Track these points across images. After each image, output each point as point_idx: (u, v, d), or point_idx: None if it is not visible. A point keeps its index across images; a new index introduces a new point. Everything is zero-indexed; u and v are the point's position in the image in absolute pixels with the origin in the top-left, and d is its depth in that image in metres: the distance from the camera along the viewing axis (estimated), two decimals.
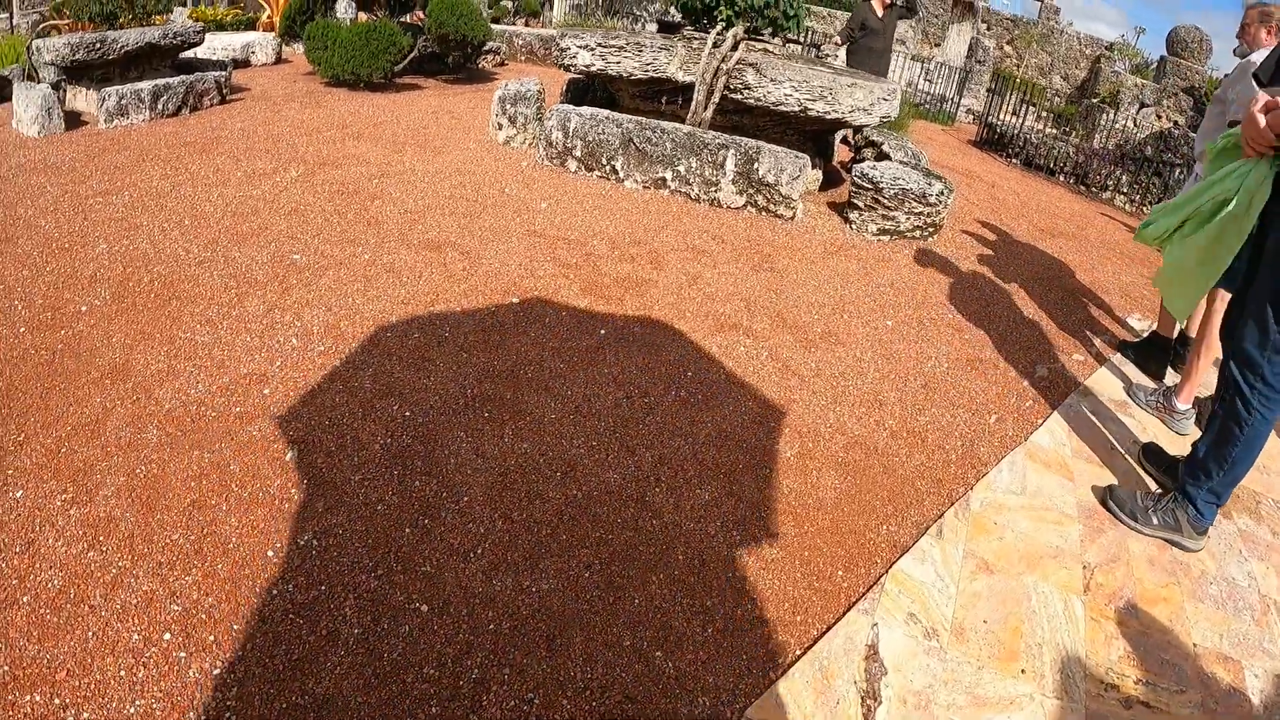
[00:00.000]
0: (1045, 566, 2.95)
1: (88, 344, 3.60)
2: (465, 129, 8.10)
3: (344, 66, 9.55)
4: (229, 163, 6.30)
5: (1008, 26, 24.43)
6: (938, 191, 6.13)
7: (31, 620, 2.24)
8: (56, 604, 2.30)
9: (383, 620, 2.30)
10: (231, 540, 2.55)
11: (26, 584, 2.35)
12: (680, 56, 6.77)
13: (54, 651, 2.15)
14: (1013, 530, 3.12)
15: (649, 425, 3.38)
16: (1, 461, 2.84)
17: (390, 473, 2.92)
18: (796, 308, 4.69)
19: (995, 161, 11.46)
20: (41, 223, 4.86)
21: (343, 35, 9.60)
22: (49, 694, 2.04)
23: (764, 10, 7.07)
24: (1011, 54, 24.10)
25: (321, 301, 4.12)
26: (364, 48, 9.51)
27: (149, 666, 2.13)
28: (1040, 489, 3.41)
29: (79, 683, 2.07)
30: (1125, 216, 9.44)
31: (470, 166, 6.68)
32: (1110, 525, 3.23)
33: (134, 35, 8.15)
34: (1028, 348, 4.74)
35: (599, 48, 6.90)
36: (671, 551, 2.71)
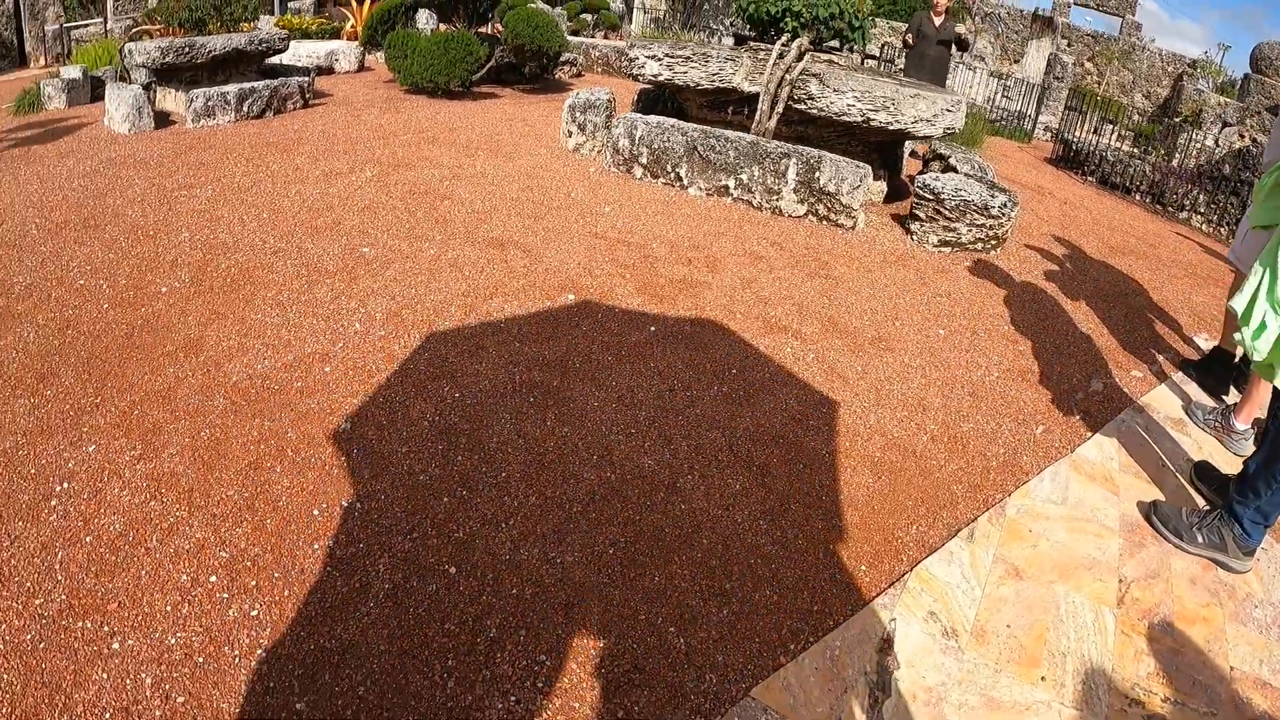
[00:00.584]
0: (1079, 577, 2.92)
1: (165, 321, 3.85)
2: (537, 136, 8.28)
3: (422, 74, 9.82)
4: (308, 162, 6.57)
5: (1088, 43, 23.99)
6: (1000, 204, 6.10)
7: (91, 557, 2.44)
8: (116, 545, 2.50)
9: (412, 578, 2.44)
10: (282, 499, 2.73)
11: (90, 526, 2.57)
12: (746, 67, 6.87)
13: (108, 586, 2.34)
14: (1048, 539, 3.11)
15: (688, 417, 3.47)
16: (78, 420, 3.09)
17: (435, 447, 3.07)
18: (849, 313, 4.74)
19: (1070, 179, 11.29)
20: (129, 212, 5.16)
21: (422, 44, 9.88)
22: (99, 622, 2.23)
23: (829, 22, 7.13)
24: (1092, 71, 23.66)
25: (386, 291, 4.30)
26: (442, 56, 9.76)
27: (193, 604, 2.30)
28: (1082, 500, 3.39)
29: (128, 614, 2.26)
30: (1201, 236, 9.23)
31: (539, 171, 6.85)
32: (1153, 541, 3.19)
33: (221, 41, 8.53)
34: (1084, 362, 4.71)
35: (666, 58, 7.04)
36: (696, 536, 2.79)
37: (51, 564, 2.43)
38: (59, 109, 8.90)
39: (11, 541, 2.51)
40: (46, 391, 3.28)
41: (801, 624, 2.52)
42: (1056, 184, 10.59)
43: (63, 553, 2.47)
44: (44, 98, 9.04)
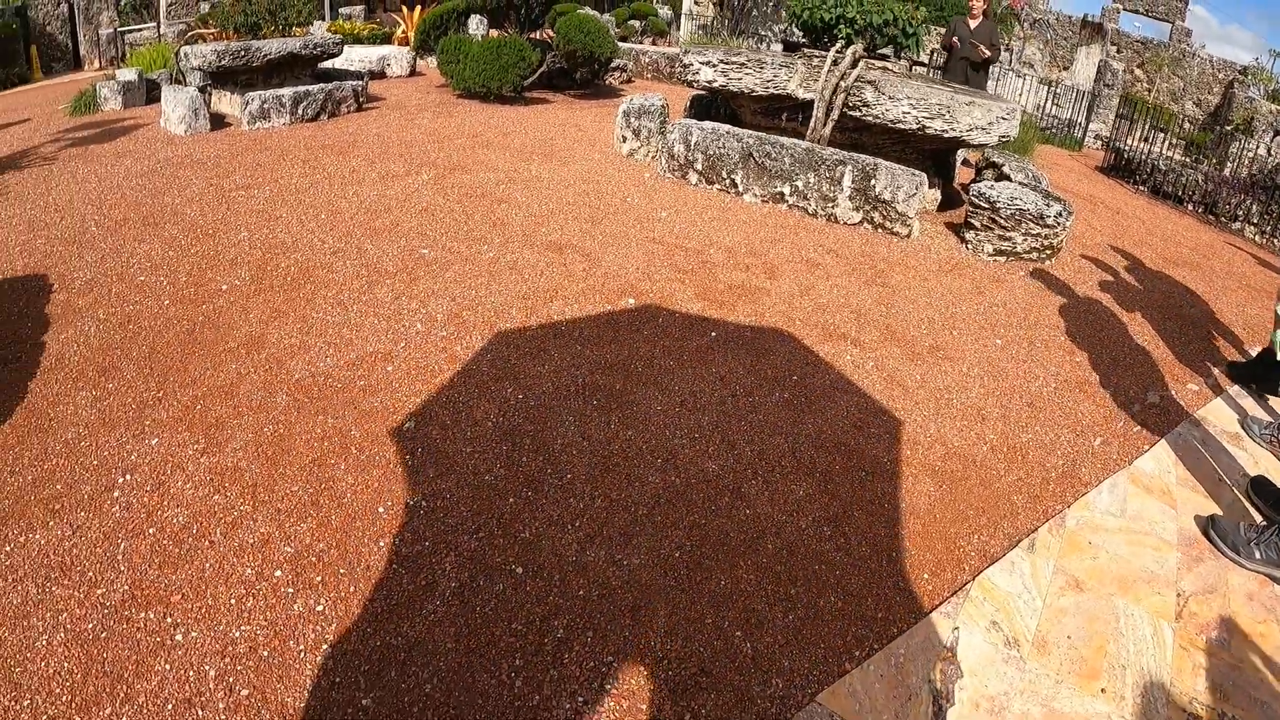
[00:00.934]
0: (1137, 590, 2.89)
1: (226, 318, 3.90)
2: (590, 141, 8.31)
3: (475, 79, 9.89)
4: (364, 165, 6.63)
5: (1138, 50, 23.64)
6: (1056, 213, 6.02)
7: (155, 549, 2.48)
8: (179, 537, 2.53)
9: (479, 577, 2.44)
10: (346, 496, 2.74)
11: (154, 518, 2.60)
12: (800, 74, 6.84)
13: (172, 577, 2.37)
14: (1107, 551, 3.07)
15: (750, 422, 3.45)
16: (140, 413, 3.14)
17: (499, 448, 3.07)
18: (906, 322, 4.70)
19: (1121, 188, 11.14)
20: (187, 210, 5.24)
21: (474, 50, 9.95)
22: (162, 613, 2.25)
23: (883, 29, 7.08)
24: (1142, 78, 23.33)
25: (446, 292, 4.33)
26: (494, 62, 9.83)
27: (258, 598, 2.32)
28: (1140, 513, 3.34)
29: (191, 606, 2.28)
30: (1254, 248, 9.05)
31: (594, 176, 6.87)
32: (1210, 555, 3.14)
33: (276, 45, 8.65)
34: (1140, 374, 4.63)
35: (721, 64, 7.03)
36: (761, 540, 2.77)
37: (114, 554, 2.46)
38: (115, 110, 9.07)
39: (74, 531, 2.55)
40: (108, 384, 3.34)
41: (866, 630, 2.50)
42: (1108, 193, 10.45)
43: (125, 544, 2.50)
44: (100, 99, 9.22)
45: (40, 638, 2.19)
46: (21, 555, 2.47)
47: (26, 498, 2.71)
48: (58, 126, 8.15)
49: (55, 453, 2.94)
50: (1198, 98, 22.68)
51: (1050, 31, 24.69)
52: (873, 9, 7.09)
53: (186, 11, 16.72)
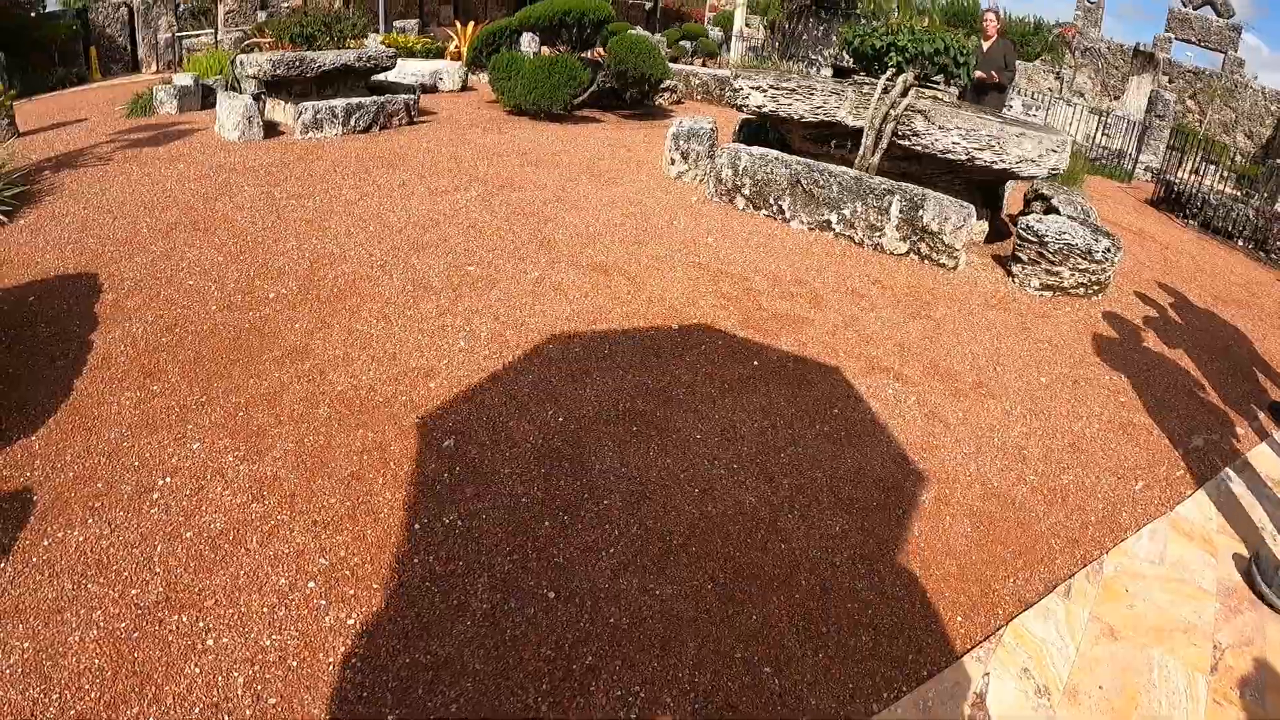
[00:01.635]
0: (1173, 640, 2.85)
1: (272, 327, 3.96)
2: (638, 162, 8.33)
3: (525, 97, 9.96)
4: (413, 178, 6.70)
5: (1190, 80, 23.31)
6: (1104, 248, 5.95)
7: (191, 553, 2.52)
8: (216, 543, 2.57)
9: (511, 599, 2.45)
10: (383, 511, 2.76)
11: (191, 522, 2.65)
12: (850, 101, 6.83)
13: (206, 582, 2.41)
14: (1144, 600, 3.02)
15: (790, 455, 3.43)
16: (183, 417, 3.19)
17: (538, 470, 3.08)
18: (950, 356, 4.66)
19: (1171, 222, 10.99)
20: (238, 218, 5.33)
21: (526, 67, 10.02)
22: (194, 617, 2.28)
23: (934, 57, 7.05)
24: (1194, 109, 23.00)
25: (491, 310, 4.35)
26: (545, 80, 9.89)
27: (290, 608, 2.34)
28: (1180, 561, 3.29)
29: (224, 612, 2.31)
30: None
31: (641, 197, 6.89)
32: (1249, 606, 3.08)
33: (331, 56, 8.78)
34: (1185, 416, 4.56)
35: (771, 89, 7.03)
36: (795, 576, 2.76)
37: (150, 556, 2.50)
38: (170, 114, 9.25)
39: (112, 530, 2.60)
40: (153, 387, 3.40)
41: (895, 672, 2.48)
42: (1157, 227, 10.32)
43: (162, 546, 2.55)
44: (156, 103, 9.42)
45: (73, 633, 2.24)
46: (59, 550, 2.53)
47: (67, 494, 2.77)
48: (114, 128, 8.33)
49: (97, 451, 3.00)
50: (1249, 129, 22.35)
51: (1101, 60, 24.46)
52: (924, 38, 7.07)
53: (244, 19, 17.04)
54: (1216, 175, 13.53)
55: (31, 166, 6.33)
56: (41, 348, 3.68)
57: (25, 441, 3.04)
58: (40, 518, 2.66)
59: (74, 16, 16.02)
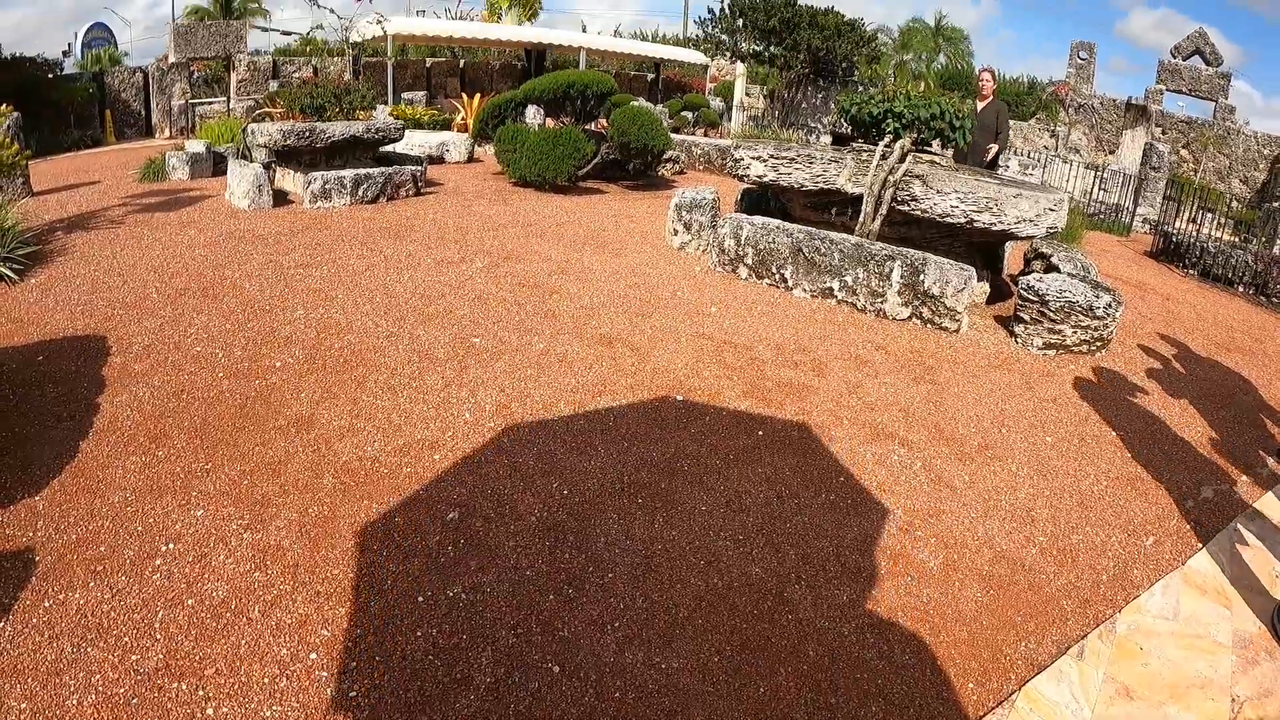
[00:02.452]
0: (1189, 697, 2.80)
1: (278, 395, 3.99)
2: (642, 233, 8.41)
3: (530, 168, 10.11)
4: (420, 249, 6.78)
5: (1183, 130, 23.55)
6: (1105, 304, 5.98)
7: (193, 621, 2.51)
8: (218, 611, 2.56)
9: (515, 673, 2.42)
10: (387, 583, 2.75)
11: (193, 590, 2.64)
12: (849, 168, 6.92)
13: (207, 650, 2.39)
14: (1159, 657, 2.98)
15: (796, 524, 3.42)
16: (188, 483, 3.21)
17: (542, 543, 3.07)
18: (954, 420, 4.65)
19: (1171, 273, 11.04)
20: (246, 285, 5.40)
21: (530, 139, 10.19)
22: (194, 685, 2.27)
23: (930, 123, 7.15)
24: (1188, 158, 23.20)
25: (496, 383, 4.37)
26: (550, 152, 10.05)
27: (292, 679, 2.32)
28: (1194, 615, 3.25)
29: (225, 681, 2.29)
30: None
31: (645, 268, 6.95)
32: (1266, 658, 3.04)
33: (340, 127, 8.95)
34: (1194, 468, 4.54)
35: (771, 159, 7.13)
36: (803, 646, 2.73)
37: (151, 622, 2.49)
38: (182, 180, 9.45)
39: (114, 594, 2.60)
40: (159, 452, 3.43)
41: None
42: (1158, 279, 10.36)
43: (164, 612, 2.54)
44: (168, 168, 9.62)
45: (71, 697, 2.22)
46: (60, 613, 2.52)
47: (70, 556, 2.78)
48: (126, 191, 8.49)
49: (101, 514, 3.02)
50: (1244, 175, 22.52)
51: (1095, 116, 24.76)
52: (920, 103, 7.19)
53: (256, 89, 17.43)
54: (1214, 223, 13.63)
55: (44, 227, 6.47)
56: (49, 408, 3.73)
57: (29, 501, 3.06)
58: (42, 578, 2.66)
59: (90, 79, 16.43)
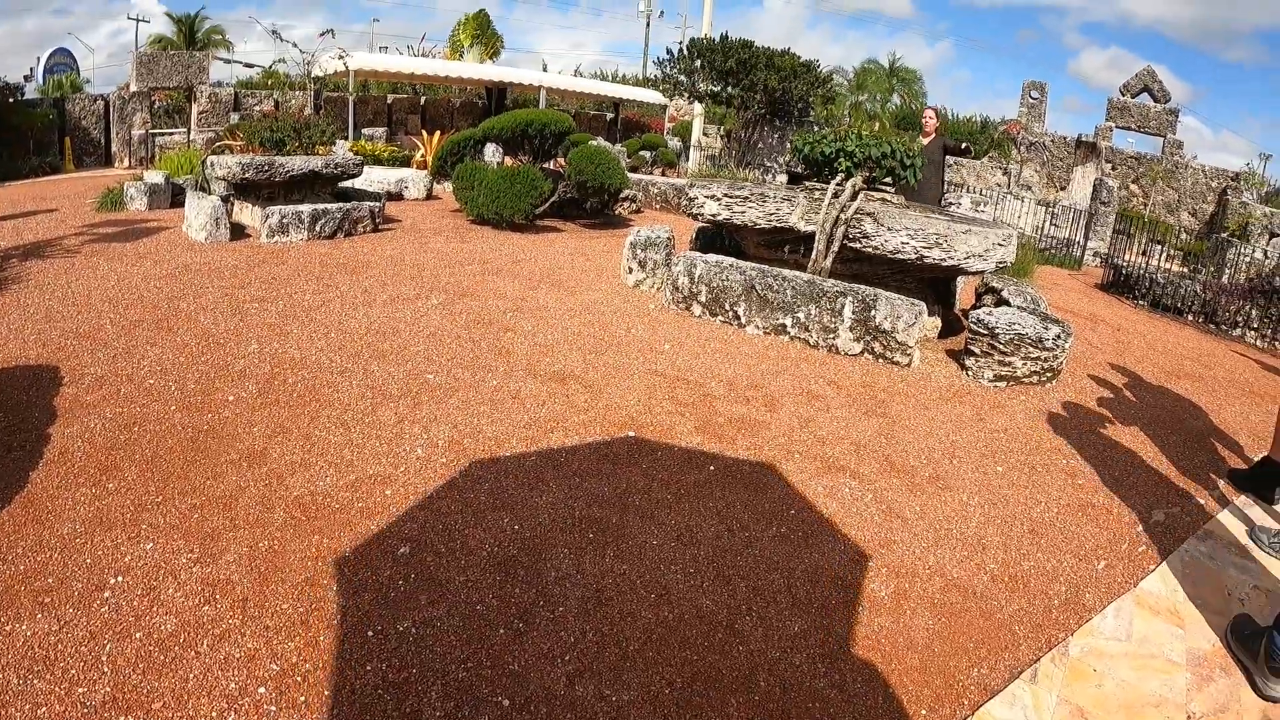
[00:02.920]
0: (1145, 715, 2.83)
1: (230, 429, 3.96)
2: (598, 271, 8.46)
3: (488, 206, 10.15)
4: (376, 286, 6.78)
5: (1132, 165, 24.17)
6: (1054, 336, 6.09)
7: (140, 654, 2.47)
8: (166, 645, 2.53)
9: (465, 708, 2.41)
10: (337, 617, 2.73)
11: (142, 623, 2.61)
12: (801, 206, 7.01)
13: (155, 684, 2.36)
14: (1113, 678, 3.02)
15: (746, 557, 3.43)
16: (138, 516, 3.18)
17: (493, 577, 3.06)
18: (905, 452, 4.71)
19: (1121, 304, 11.27)
20: (201, 318, 5.38)
21: (489, 177, 10.24)
22: (141, 718, 2.23)
23: (881, 161, 7.29)
24: (1138, 192, 23.79)
25: (449, 419, 4.37)
26: (508, 190, 10.10)
27: (239, 714, 2.29)
28: (1147, 636, 3.29)
29: (172, 714, 2.26)
30: (1256, 353, 9.14)
31: (599, 306, 6.98)
32: (1221, 675, 3.09)
33: (300, 162, 8.95)
34: (1144, 492, 4.62)
35: (725, 197, 7.22)
36: (755, 677, 2.74)
37: (99, 655, 2.46)
38: (139, 210, 9.41)
39: (61, 626, 2.56)
40: (109, 484, 3.40)
41: None
42: (1108, 310, 10.57)
43: (111, 645, 2.50)
44: (126, 198, 9.58)
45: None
46: (6, 644, 2.48)
47: (17, 588, 2.73)
48: (83, 220, 8.44)
49: (50, 545, 2.98)
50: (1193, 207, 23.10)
51: (1046, 153, 25.32)
52: (871, 143, 7.33)
53: (217, 120, 17.40)
54: (1163, 255, 13.97)
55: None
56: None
57: None
58: None
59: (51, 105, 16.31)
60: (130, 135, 16.64)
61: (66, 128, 16.25)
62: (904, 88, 32.53)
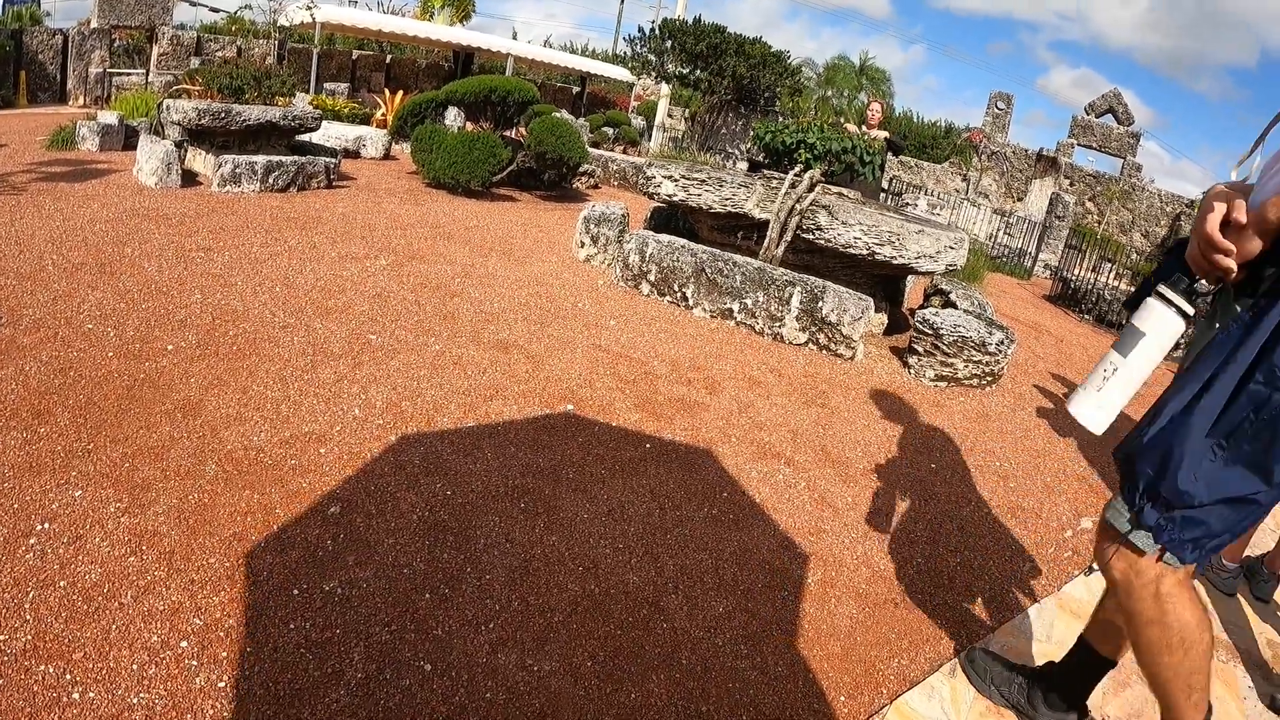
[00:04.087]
0: None
1: (167, 379, 3.90)
2: (550, 243, 8.43)
3: (445, 170, 10.05)
4: (325, 243, 6.69)
5: (1090, 183, 24.62)
6: (998, 341, 6.19)
7: (63, 603, 2.43)
8: (89, 595, 2.49)
9: (386, 670, 2.41)
10: (263, 574, 2.71)
11: (66, 571, 2.56)
12: (758, 194, 7.05)
13: (77, 634, 2.32)
14: None
15: (676, 536, 3.45)
16: (68, 463, 3.11)
17: (422, 542, 3.05)
18: (842, 443, 4.76)
19: (1067, 317, 11.48)
20: (145, 265, 5.28)
21: (448, 141, 10.14)
22: (62, 669, 2.20)
23: (841, 155, 7.35)
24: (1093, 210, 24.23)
25: (388, 380, 4.34)
26: (466, 155, 10.01)
27: (160, 666, 2.27)
28: (1067, 638, 3.30)
29: (93, 665, 2.23)
30: None
31: (549, 278, 6.97)
32: (1136, 680, 3.13)
33: (257, 112, 8.80)
34: (1074, 500, 4.73)
35: (682, 179, 7.23)
36: (677, 655, 2.76)
37: (21, 602, 2.41)
38: (91, 151, 9.18)
39: None
40: (41, 429, 3.32)
41: None
42: (1053, 322, 10.76)
43: (34, 593, 2.46)
44: (78, 138, 9.35)
45: None
46: None
47: None
48: (32, 158, 8.22)
49: None
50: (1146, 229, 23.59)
51: (1007, 163, 25.67)
52: (832, 136, 7.38)
53: (177, 64, 17.00)
54: (1112, 272, 14.23)
55: None
56: None
57: None
58: None
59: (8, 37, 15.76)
60: (88, 73, 16.19)
61: (23, 61, 15.76)
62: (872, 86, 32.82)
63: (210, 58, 17.38)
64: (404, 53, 26.09)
